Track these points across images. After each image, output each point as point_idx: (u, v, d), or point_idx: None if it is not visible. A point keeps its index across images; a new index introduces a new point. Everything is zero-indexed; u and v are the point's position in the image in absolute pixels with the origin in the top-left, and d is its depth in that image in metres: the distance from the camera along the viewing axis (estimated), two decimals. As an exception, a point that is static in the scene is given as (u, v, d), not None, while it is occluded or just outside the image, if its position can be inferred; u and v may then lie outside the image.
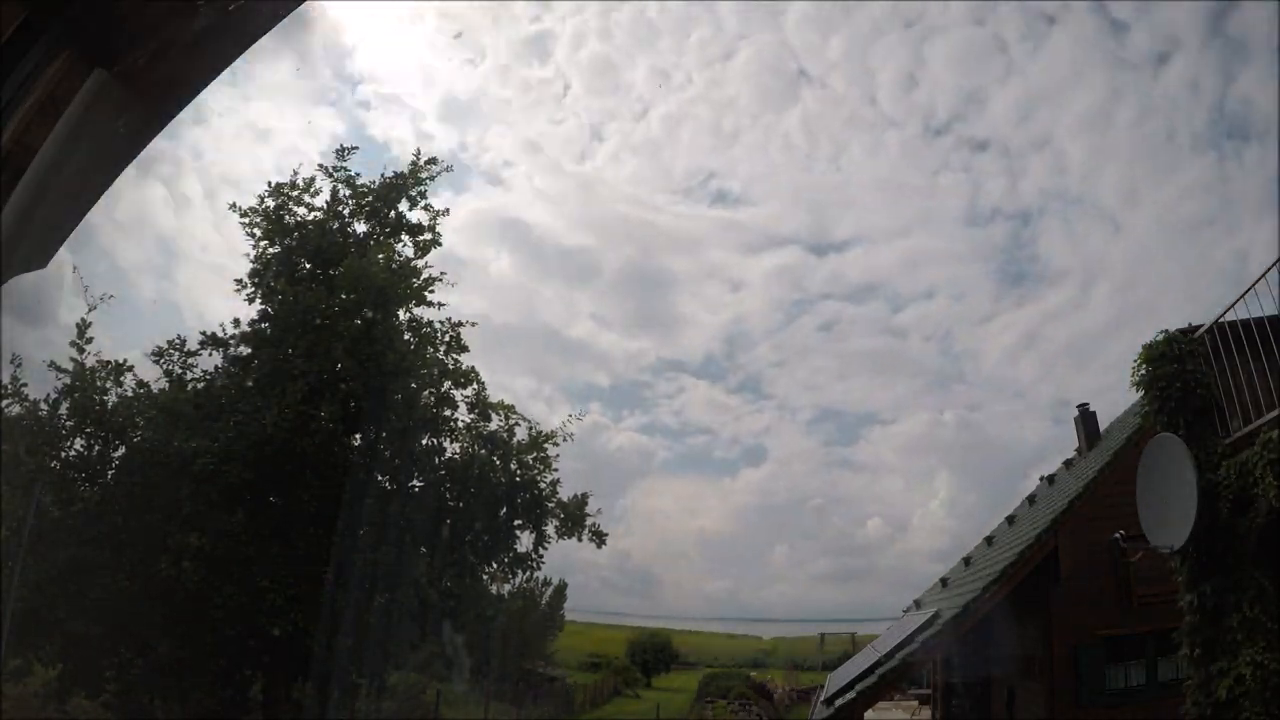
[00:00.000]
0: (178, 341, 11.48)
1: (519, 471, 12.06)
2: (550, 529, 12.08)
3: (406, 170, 12.40)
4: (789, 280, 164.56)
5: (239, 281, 11.79)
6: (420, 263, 12.17)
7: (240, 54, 1.65)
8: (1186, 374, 6.62)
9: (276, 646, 10.46)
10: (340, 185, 12.22)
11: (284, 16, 1.71)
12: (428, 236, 12.30)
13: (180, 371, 11.36)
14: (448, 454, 12.14)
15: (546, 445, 12.22)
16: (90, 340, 10.90)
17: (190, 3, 1.51)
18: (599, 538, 12.16)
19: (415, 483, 12.07)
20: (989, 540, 18.49)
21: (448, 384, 12.13)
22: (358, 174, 12.29)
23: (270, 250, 11.86)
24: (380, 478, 11.63)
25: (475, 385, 12.20)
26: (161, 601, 10.04)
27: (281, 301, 11.40)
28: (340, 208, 12.21)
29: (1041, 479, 19.81)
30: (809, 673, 38.31)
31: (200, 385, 11.37)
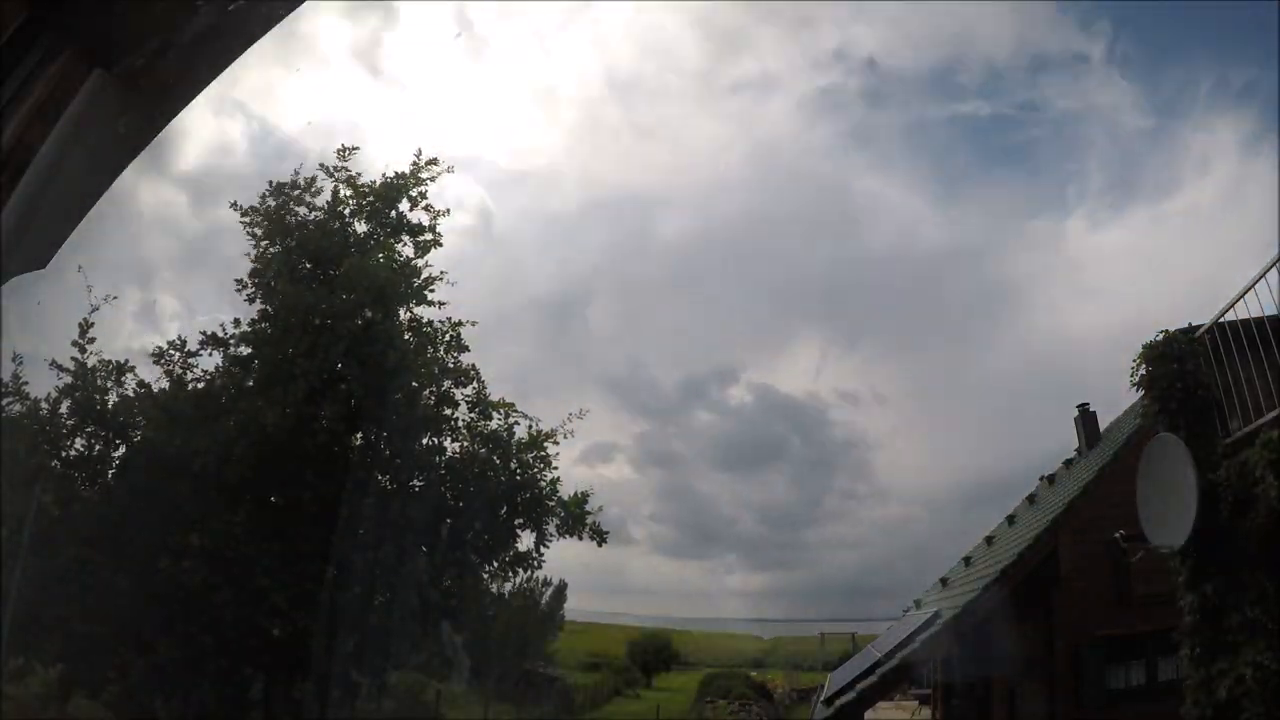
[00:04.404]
0: (178, 341, 11.50)
1: (519, 470, 12.07)
2: (551, 528, 12.08)
3: (408, 170, 12.40)
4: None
5: (239, 281, 11.81)
6: (420, 262, 12.20)
7: (240, 54, 1.65)
8: (1187, 374, 6.63)
9: (276, 646, 10.46)
10: (341, 185, 12.23)
11: (284, 16, 1.71)
12: (428, 236, 12.32)
13: (180, 371, 11.37)
14: (448, 453, 12.15)
15: (547, 444, 12.24)
16: (92, 340, 10.94)
17: (190, 3, 1.51)
18: (600, 536, 12.16)
19: (415, 482, 12.07)
20: (989, 540, 18.51)
21: (448, 383, 12.14)
22: (359, 174, 12.30)
23: (271, 250, 11.87)
24: (381, 477, 11.63)
25: (476, 384, 12.23)
26: (162, 601, 10.05)
27: (282, 301, 11.40)
28: (341, 208, 12.21)
29: (1041, 479, 19.83)
30: (809, 673, 38.29)
31: (200, 385, 11.38)
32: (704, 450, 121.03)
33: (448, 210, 12.56)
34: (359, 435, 11.72)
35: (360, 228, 12.23)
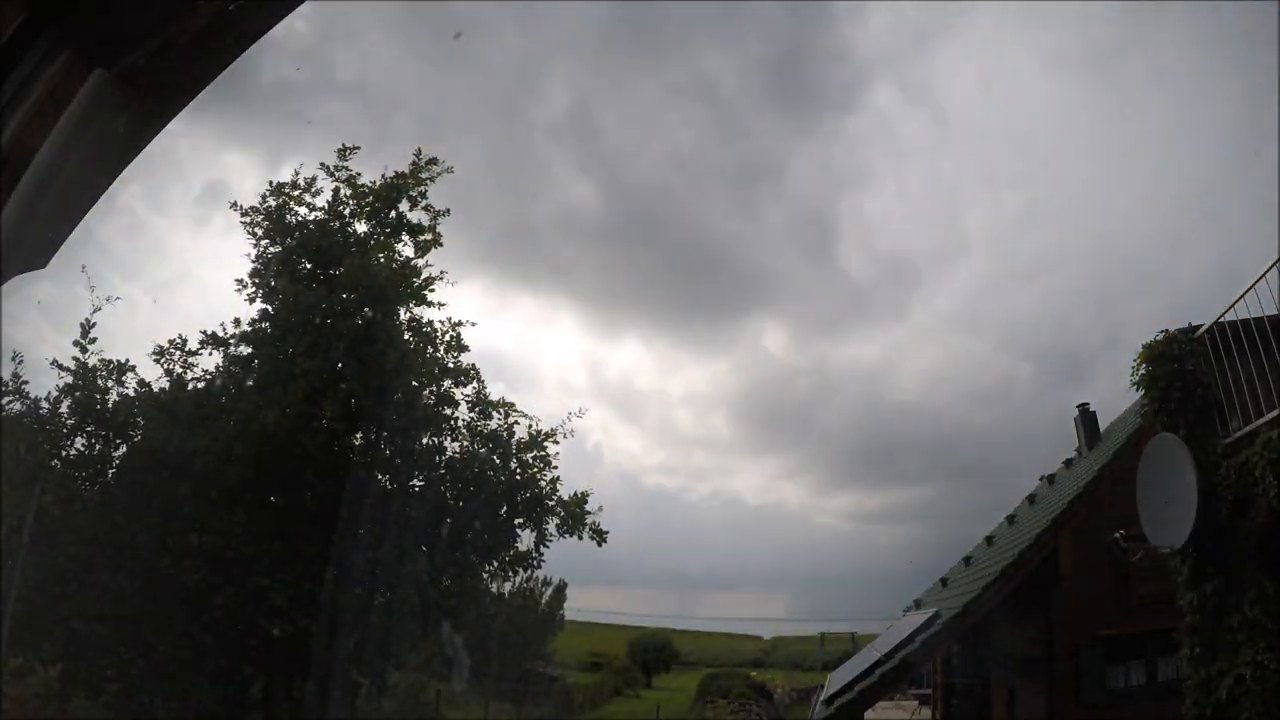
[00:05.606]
0: (178, 341, 11.50)
1: (519, 470, 12.07)
2: (551, 527, 12.08)
3: (407, 170, 12.40)
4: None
5: (239, 281, 11.82)
6: (420, 262, 12.20)
7: (240, 54, 1.65)
8: (1186, 374, 6.63)
9: (276, 646, 10.47)
10: (341, 185, 12.22)
11: (284, 16, 1.72)
12: (428, 236, 12.33)
13: (181, 371, 11.37)
14: (448, 453, 12.16)
15: (546, 444, 12.24)
16: (94, 340, 10.95)
17: (190, 3, 1.51)
18: (600, 536, 12.16)
19: (415, 482, 12.08)
20: (989, 540, 18.49)
21: (448, 382, 12.15)
22: (359, 173, 12.30)
23: (271, 250, 11.87)
24: (381, 477, 11.63)
25: (475, 383, 12.24)
26: (162, 601, 10.05)
27: (282, 301, 11.41)
28: (341, 207, 12.21)
29: (1041, 479, 19.81)
30: (809, 673, 38.27)
31: (201, 385, 11.38)
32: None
33: (448, 210, 12.58)
34: (359, 435, 11.72)
35: (360, 228, 12.24)
